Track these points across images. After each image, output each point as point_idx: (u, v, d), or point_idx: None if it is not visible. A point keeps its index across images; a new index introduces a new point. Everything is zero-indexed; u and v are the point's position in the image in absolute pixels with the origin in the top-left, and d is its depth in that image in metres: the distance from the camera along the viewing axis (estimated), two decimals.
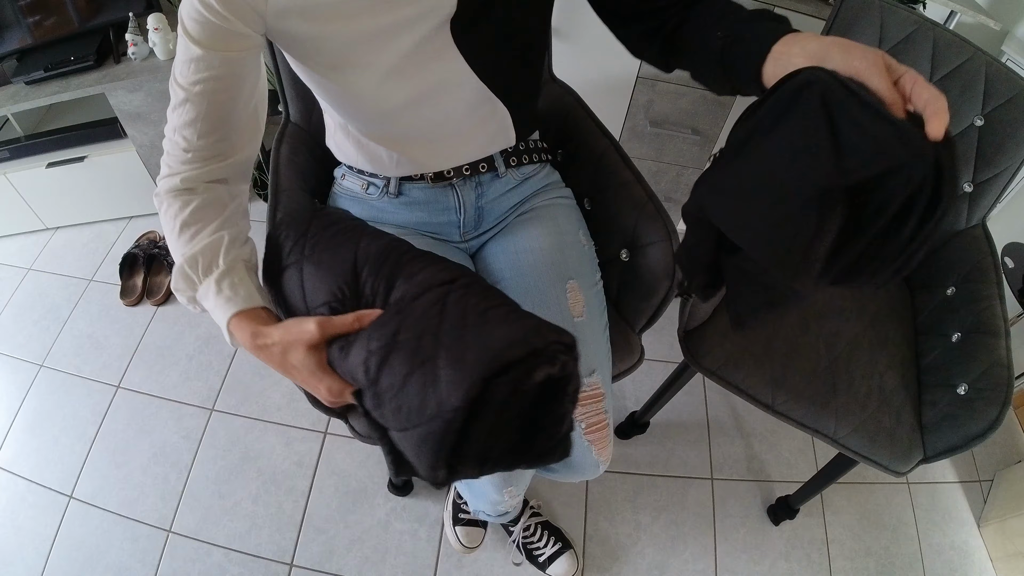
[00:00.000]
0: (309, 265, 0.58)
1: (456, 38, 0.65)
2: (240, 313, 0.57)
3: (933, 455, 0.95)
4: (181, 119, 0.59)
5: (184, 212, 0.60)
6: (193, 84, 0.58)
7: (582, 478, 0.80)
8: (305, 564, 1.20)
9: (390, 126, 0.74)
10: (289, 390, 1.44)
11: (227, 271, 0.58)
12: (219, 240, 0.59)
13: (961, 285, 1.06)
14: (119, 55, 1.49)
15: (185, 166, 0.61)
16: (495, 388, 0.45)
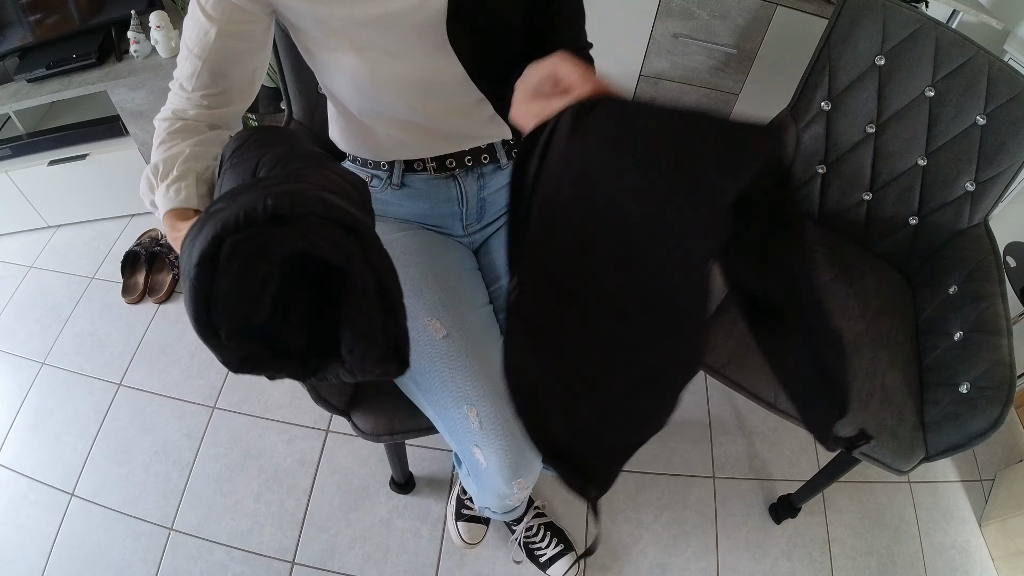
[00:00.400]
0: (229, 170, 0.59)
1: (451, 36, 0.68)
2: (173, 210, 0.61)
3: (935, 454, 0.95)
4: (183, 72, 0.68)
5: (166, 132, 0.67)
6: (198, 46, 0.66)
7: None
8: (307, 562, 1.20)
9: (384, 108, 0.76)
10: (291, 388, 1.44)
11: (178, 177, 0.63)
12: (180, 152, 0.65)
13: (963, 284, 1.06)
14: (121, 53, 1.49)
15: (180, 105, 0.69)
16: (231, 246, 0.41)
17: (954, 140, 1.08)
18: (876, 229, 1.19)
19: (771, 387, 0.98)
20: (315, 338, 0.48)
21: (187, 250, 0.43)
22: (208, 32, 0.65)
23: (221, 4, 0.64)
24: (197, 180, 0.64)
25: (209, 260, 0.41)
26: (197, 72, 0.67)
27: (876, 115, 1.11)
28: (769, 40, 1.22)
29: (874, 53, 1.07)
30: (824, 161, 1.17)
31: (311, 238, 0.42)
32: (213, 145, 0.67)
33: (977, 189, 1.09)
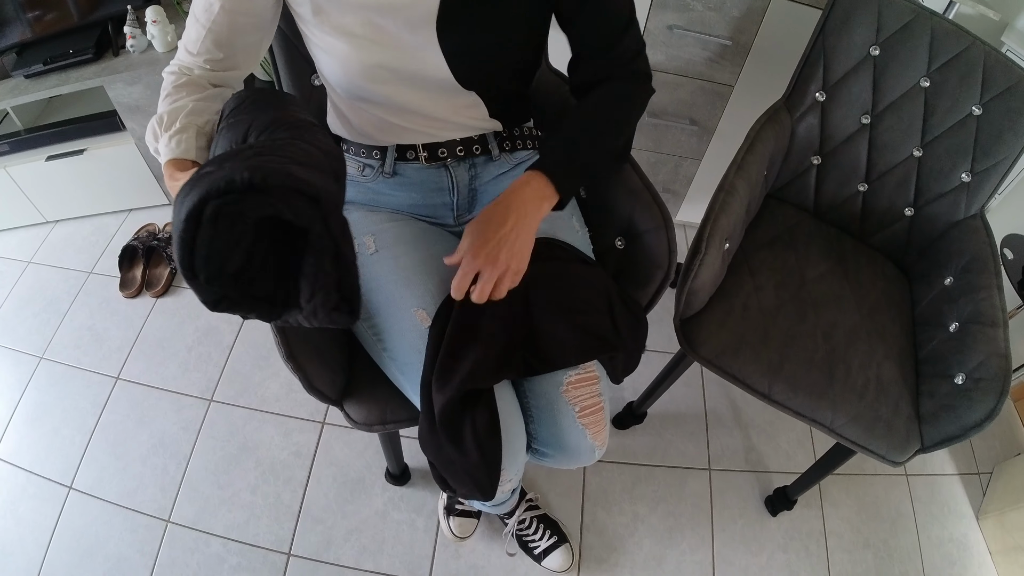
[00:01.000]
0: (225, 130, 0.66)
1: (440, 36, 0.71)
2: (172, 160, 0.67)
3: (931, 445, 0.95)
4: (188, 36, 0.72)
5: (172, 85, 0.72)
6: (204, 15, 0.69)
7: (578, 463, 0.80)
8: (303, 554, 1.20)
9: (372, 95, 0.77)
10: (287, 381, 1.44)
11: (180, 129, 0.68)
12: (183, 106, 0.69)
13: (959, 275, 1.05)
14: (118, 48, 1.50)
15: (186, 63, 0.73)
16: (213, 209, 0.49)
17: (950, 131, 1.08)
18: (872, 220, 1.19)
19: (765, 378, 0.98)
20: (281, 286, 0.56)
21: (178, 205, 0.50)
22: (212, 5, 0.68)
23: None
24: (197, 133, 0.69)
25: (194, 218, 0.48)
26: (201, 39, 0.70)
27: (871, 106, 1.11)
28: (764, 31, 1.22)
29: (869, 43, 1.07)
30: (819, 152, 1.17)
31: (278, 205, 0.50)
32: (215, 101, 0.72)
33: (973, 180, 1.09)
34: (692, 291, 0.95)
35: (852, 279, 1.13)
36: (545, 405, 0.76)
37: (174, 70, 0.73)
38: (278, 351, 0.75)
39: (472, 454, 0.70)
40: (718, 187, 0.98)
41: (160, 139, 0.69)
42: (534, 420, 0.78)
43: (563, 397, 0.75)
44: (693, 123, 1.41)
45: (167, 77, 0.73)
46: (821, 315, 1.05)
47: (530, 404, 0.78)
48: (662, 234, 0.87)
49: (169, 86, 0.72)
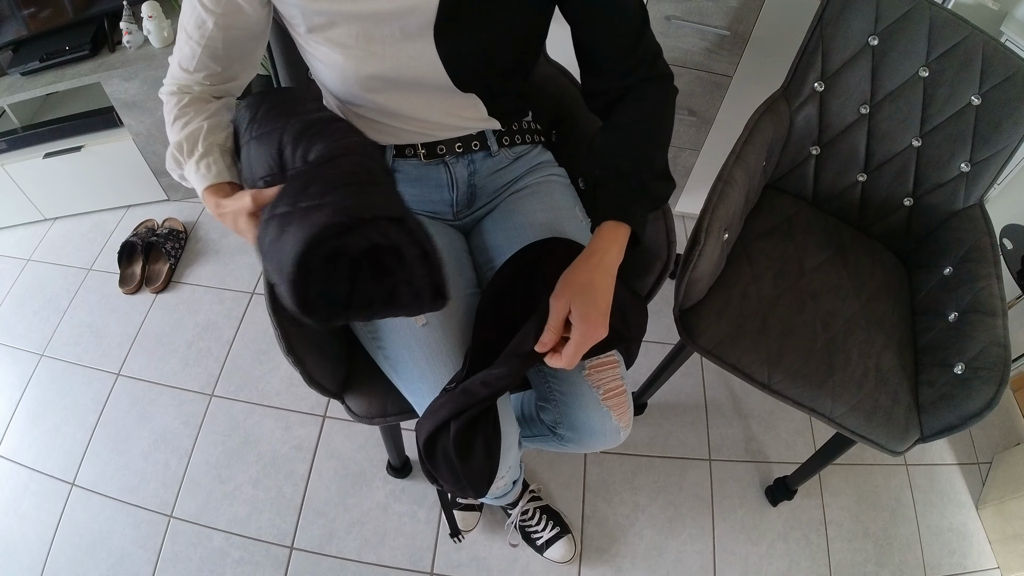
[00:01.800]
0: (253, 143, 0.69)
1: (437, 42, 0.70)
2: (210, 187, 0.68)
3: (930, 434, 0.95)
4: (183, 54, 0.70)
5: (177, 107, 0.71)
6: (197, 33, 0.68)
7: (604, 445, 0.80)
8: (305, 547, 1.21)
9: (369, 101, 0.77)
10: (288, 375, 1.44)
11: (204, 153, 0.69)
12: (199, 128, 0.70)
13: (959, 265, 1.05)
14: (114, 44, 1.49)
15: (184, 81, 0.72)
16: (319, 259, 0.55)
17: (949, 121, 1.07)
18: (871, 210, 1.19)
19: (765, 367, 0.98)
20: (379, 290, 0.61)
21: (273, 256, 0.56)
22: (205, 22, 0.67)
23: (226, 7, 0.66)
24: (221, 152, 0.70)
25: (303, 268, 0.54)
26: (197, 56, 0.69)
27: (870, 96, 1.10)
28: (762, 21, 1.21)
29: (867, 33, 1.06)
30: (818, 142, 1.16)
31: (372, 236, 0.56)
32: (224, 114, 0.73)
33: (972, 170, 1.08)
34: (691, 281, 0.95)
35: (851, 268, 1.13)
36: (569, 390, 0.77)
37: (172, 90, 0.72)
38: (278, 345, 0.75)
39: (478, 461, 0.70)
40: (717, 177, 0.98)
41: (185, 166, 0.69)
42: (558, 406, 0.78)
43: (586, 381, 0.76)
44: (691, 114, 1.41)
45: (167, 99, 0.72)
46: (820, 304, 1.05)
47: (553, 390, 0.79)
48: (660, 224, 0.87)
49: (174, 108, 0.71)
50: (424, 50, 0.71)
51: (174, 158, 0.70)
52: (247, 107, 0.71)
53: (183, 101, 0.71)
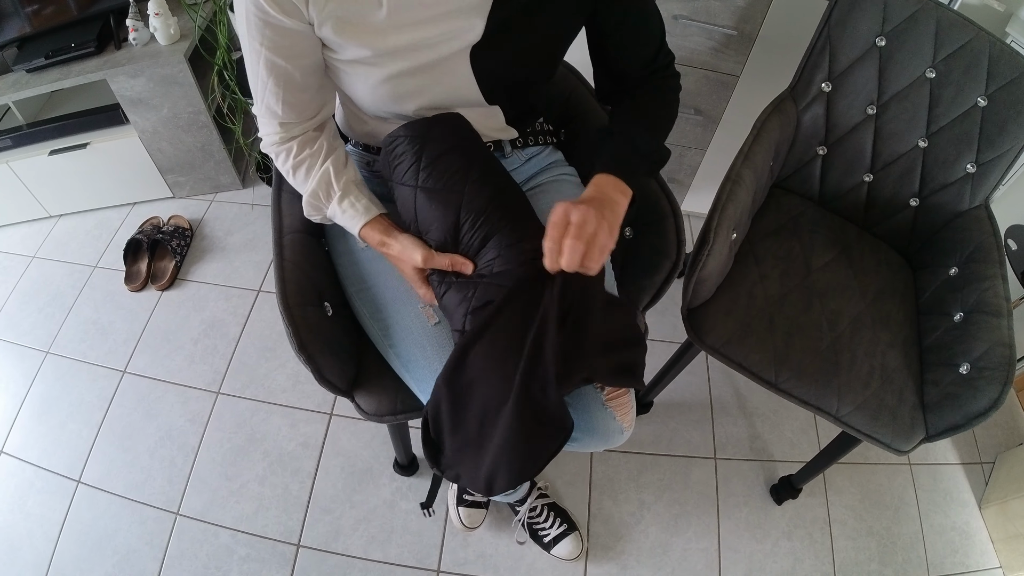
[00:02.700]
0: (422, 195, 0.72)
1: (473, 61, 0.71)
2: (366, 225, 0.73)
3: (935, 434, 0.96)
4: (267, 104, 0.71)
5: (292, 159, 0.74)
6: (272, 77, 0.68)
7: (607, 445, 0.80)
8: (312, 544, 1.21)
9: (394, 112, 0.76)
10: (294, 372, 1.44)
11: (343, 194, 0.73)
12: (326, 172, 0.74)
13: (964, 265, 1.06)
14: (120, 41, 1.49)
15: (282, 128, 0.73)
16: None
17: (955, 122, 1.08)
18: (876, 210, 1.20)
19: (772, 366, 0.98)
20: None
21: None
22: (275, 62, 0.66)
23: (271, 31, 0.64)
24: (358, 187, 0.75)
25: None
26: (281, 97, 0.69)
27: (877, 96, 1.11)
28: (770, 21, 1.22)
29: (875, 34, 1.07)
30: (824, 142, 1.17)
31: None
32: (336, 144, 0.77)
33: (978, 171, 1.09)
34: (699, 281, 0.95)
35: (856, 268, 1.13)
36: (573, 391, 0.77)
37: (275, 140, 0.73)
38: (290, 344, 0.75)
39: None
40: (725, 177, 0.98)
41: (330, 209, 0.74)
42: None
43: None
44: (698, 113, 1.41)
45: (276, 153, 0.74)
46: (826, 304, 1.06)
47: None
48: (670, 223, 0.87)
49: (288, 159, 0.74)
50: (460, 68, 0.71)
51: (312, 206, 0.74)
52: (406, 142, 0.72)
53: (293, 150, 0.73)
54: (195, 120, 1.59)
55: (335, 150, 0.76)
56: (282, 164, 0.75)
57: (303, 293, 0.78)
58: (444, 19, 0.66)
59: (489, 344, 0.67)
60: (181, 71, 1.45)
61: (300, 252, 0.83)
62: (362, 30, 0.65)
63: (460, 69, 0.71)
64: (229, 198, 1.82)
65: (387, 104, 0.74)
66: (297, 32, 0.64)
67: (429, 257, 0.70)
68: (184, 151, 1.67)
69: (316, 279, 0.83)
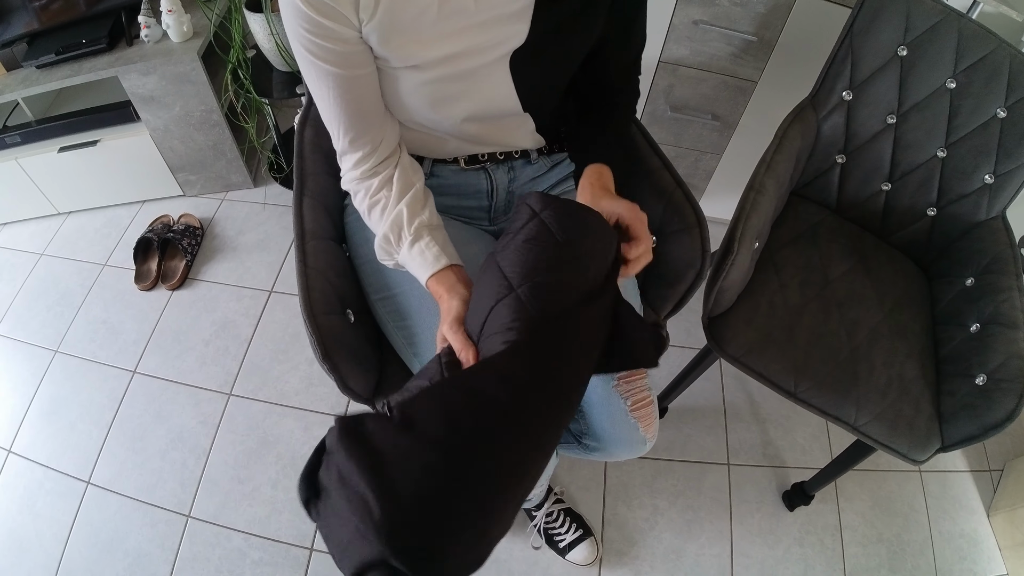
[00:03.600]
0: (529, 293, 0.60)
1: (512, 67, 0.70)
2: (433, 276, 0.69)
3: (951, 444, 0.96)
4: (341, 123, 0.70)
5: (368, 197, 0.73)
6: (338, 95, 0.67)
7: (630, 455, 0.81)
8: (325, 549, 1.20)
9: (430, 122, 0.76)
10: (307, 375, 1.44)
11: (414, 240, 0.70)
12: (399, 215, 0.71)
13: (980, 276, 1.06)
14: (131, 37, 1.48)
15: (356, 166, 0.72)
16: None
17: (974, 132, 1.08)
18: (893, 219, 1.20)
19: (791, 376, 0.98)
20: None
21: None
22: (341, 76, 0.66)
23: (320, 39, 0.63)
24: (431, 232, 0.71)
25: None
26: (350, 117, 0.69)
27: (897, 106, 1.11)
28: (790, 28, 1.21)
29: (897, 43, 1.07)
30: (844, 151, 1.17)
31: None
32: (413, 174, 0.75)
33: (996, 182, 1.09)
34: (722, 290, 0.95)
35: (874, 277, 1.13)
36: (597, 401, 0.77)
37: (354, 177, 0.73)
38: (314, 353, 0.73)
39: None
40: (748, 186, 0.98)
41: (399, 256, 0.71)
42: (586, 416, 0.79)
43: (615, 392, 0.76)
44: (715, 118, 1.41)
45: (355, 190, 0.74)
46: (845, 313, 1.06)
47: (582, 400, 0.79)
48: (695, 233, 0.87)
49: (367, 199, 0.72)
50: (499, 75, 0.71)
51: (384, 250, 0.72)
52: (543, 228, 0.62)
53: (371, 188, 0.72)
54: (207, 118, 1.57)
55: (411, 188, 0.73)
56: (360, 203, 0.74)
57: (327, 301, 0.77)
58: (489, 26, 0.66)
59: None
60: (194, 69, 1.44)
61: (323, 258, 0.82)
62: (409, 39, 0.64)
63: (499, 76, 0.71)
64: (240, 197, 1.81)
65: (423, 108, 0.74)
66: (346, 38, 0.64)
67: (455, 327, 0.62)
68: (195, 149, 1.66)
69: (339, 286, 0.83)
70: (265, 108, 1.61)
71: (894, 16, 1.06)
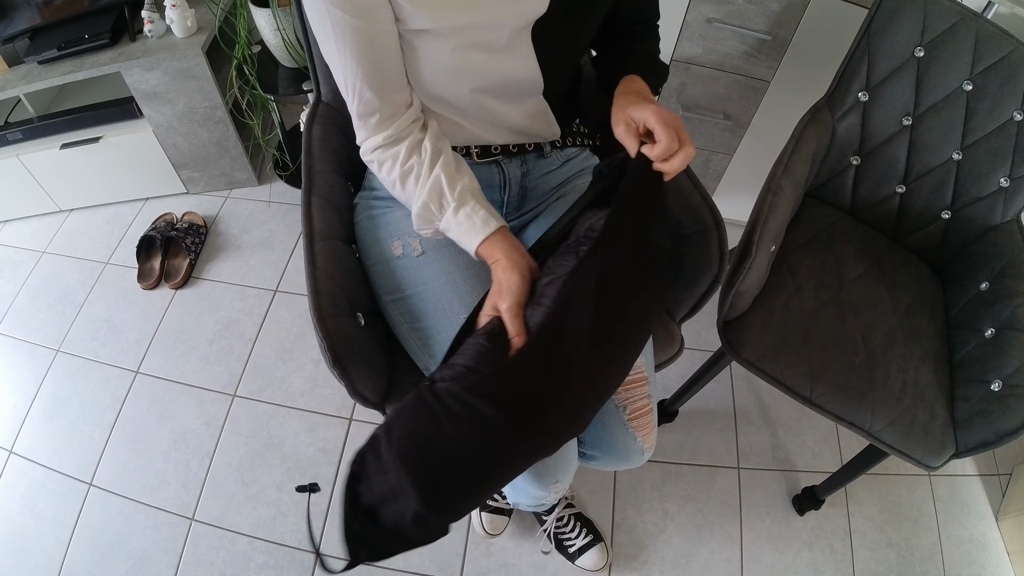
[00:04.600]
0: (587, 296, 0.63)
1: (535, 37, 0.69)
2: (487, 239, 0.67)
3: (965, 450, 0.95)
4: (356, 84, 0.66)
5: (397, 166, 0.69)
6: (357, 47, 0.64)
7: (627, 466, 0.80)
8: (331, 552, 1.19)
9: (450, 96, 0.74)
10: (312, 375, 1.42)
11: (458, 205, 0.67)
12: (437, 180, 0.68)
13: (995, 280, 1.05)
14: (135, 33, 1.46)
15: (378, 129, 0.69)
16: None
17: (990, 135, 1.07)
18: (907, 221, 1.19)
19: (807, 381, 0.97)
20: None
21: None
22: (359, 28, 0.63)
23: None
24: (474, 196, 0.68)
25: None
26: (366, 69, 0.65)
27: (913, 107, 1.09)
28: (804, 27, 1.20)
29: (914, 44, 1.05)
30: (859, 152, 1.16)
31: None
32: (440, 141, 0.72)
33: (1011, 185, 1.08)
34: (738, 294, 0.94)
35: (888, 280, 1.12)
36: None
37: (377, 144, 0.69)
38: (323, 358, 0.72)
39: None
40: (765, 188, 0.97)
41: (441, 223, 0.68)
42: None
43: (613, 399, 0.75)
44: (727, 118, 1.40)
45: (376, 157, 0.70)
46: (860, 317, 1.05)
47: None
48: (713, 236, 0.85)
49: (397, 168, 0.69)
50: (522, 47, 0.70)
51: (423, 219, 0.69)
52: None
53: (400, 156, 0.69)
54: (211, 115, 1.55)
55: (442, 153, 0.70)
56: (387, 174, 0.71)
57: (336, 304, 0.76)
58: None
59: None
60: (198, 64, 1.42)
61: (332, 260, 0.80)
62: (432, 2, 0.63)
63: (522, 48, 0.70)
64: (244, 195, 1.79)
65: (446, 82, 0.71)
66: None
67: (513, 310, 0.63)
68: (199, 146, 1.64)
69: (349, 288, 0.81)
70: (270, 104, 1.59)
71: (911, 16, 1.04)
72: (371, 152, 0.71)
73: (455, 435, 0.58)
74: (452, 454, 0.58)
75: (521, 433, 0.60)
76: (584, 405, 0.64)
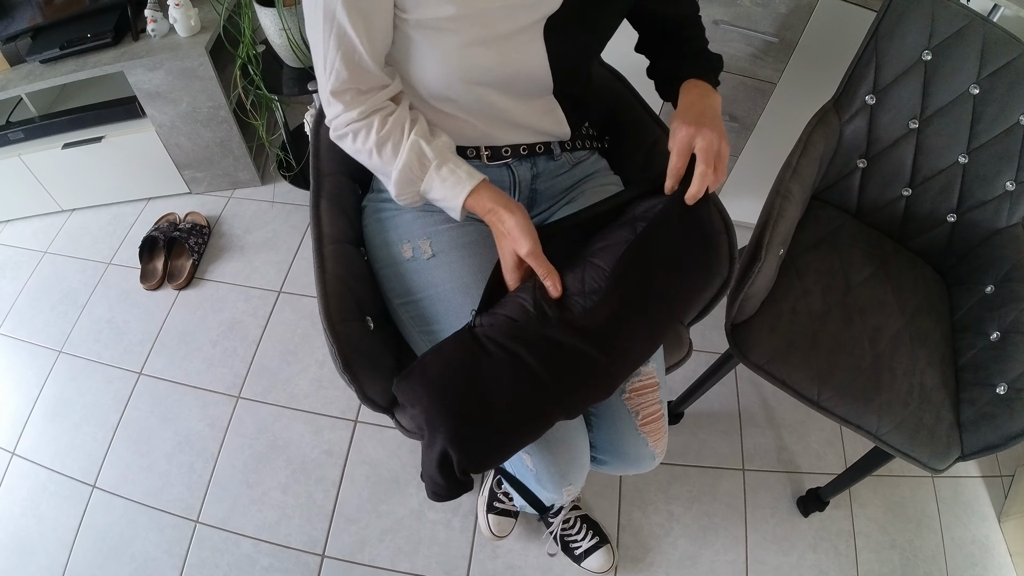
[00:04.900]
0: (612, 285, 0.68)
1: (546, 33, 0.68)
2: (474, 190, 0.67)
3: (970, 453, 0.96)
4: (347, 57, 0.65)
5: (373, 133, 0.68)
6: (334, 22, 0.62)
7: (637, 471, 0.80)
8: (337, 555, 1.19)
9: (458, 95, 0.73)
10: (317, 377, 1.42)
11: (440, 162, 0.68)
12: (415, 143, 0.68)
13: (1000, 284, 1.06)
14: (138, 32, 1.45)
15: (353, 105, 0.68)
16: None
17: (996, 139, 1.07)
18: (913, 225, 1.19)
19: (814, 384, 0.97)
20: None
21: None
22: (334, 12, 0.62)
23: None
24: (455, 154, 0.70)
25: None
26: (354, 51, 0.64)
27: (920, 111, 1.09)
28: (811, 29, 1.20)
29: (921, 48, 1.05)
30: (865, 155, 1.16)
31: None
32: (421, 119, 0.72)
33: (1017, 189, 1.08)
34: (747, 297, 0.94)
35: (894, 283, 1.12)
36: (607, 413, 0.76)
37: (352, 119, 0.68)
38: (333, 362, 0.71)
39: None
40: (773, 191, 0.97)
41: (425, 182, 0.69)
42: (594, 429, 0.77)
43: (625, 405, 0.75)
44: (733, 119, 1.40)
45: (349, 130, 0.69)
46: (867, 320, 1.05)
47: (590, 414, 0.77)
48: (723, 240, 0.85)
49: (373, 136, 0.68)
50: (533, 44, 0.69)
51: (406, 181, 0.69)
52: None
53: (374, 124, 0.68)
54: (215, 115, 1.55)
55: (417, 120, 0.70)
56: (363, 144, 0.69)
57: (346, 307, 0.75)
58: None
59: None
60: (201, 64, 1.41)
61: (341, 263, 0.80)
62: None
63: (533, 45, 0.69)
64: (248, 195, 1.78)
65: (452, 79, 0.70)
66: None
67: (535, 251, 0.66)
68: (202, 146, 1.63)
69: (358, 292, 0.81)
70: (274, 104, 1.58)
71: (919, 20, 1.04)
72: (344, 127, 0.69)
73: (492, 375, 0.61)
74: (487, 389, 0.61)
75: (557, 384, 0.62)
76: (612, 373, 0.66)
